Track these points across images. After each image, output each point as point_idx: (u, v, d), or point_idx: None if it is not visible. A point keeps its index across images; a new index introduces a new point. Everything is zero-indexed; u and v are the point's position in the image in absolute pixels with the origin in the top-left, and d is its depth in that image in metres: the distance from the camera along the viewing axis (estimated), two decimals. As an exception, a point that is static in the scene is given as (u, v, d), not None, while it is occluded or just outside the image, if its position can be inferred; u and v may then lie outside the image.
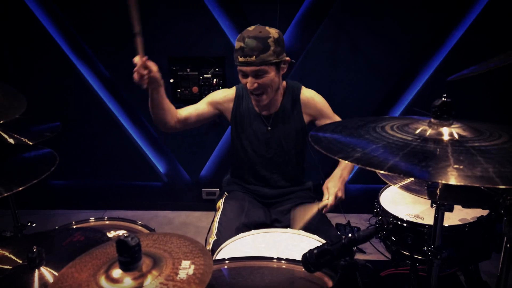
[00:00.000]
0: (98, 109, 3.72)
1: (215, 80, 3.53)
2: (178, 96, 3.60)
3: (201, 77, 3.54)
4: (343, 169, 2.36)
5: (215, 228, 2.22)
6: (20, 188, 1.80)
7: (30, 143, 2.12)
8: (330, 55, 3.46)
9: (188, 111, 2.38)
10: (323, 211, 2.17)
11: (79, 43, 3.59)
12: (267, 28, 2.14)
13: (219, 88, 3.52)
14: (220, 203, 2.46)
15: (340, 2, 3.31)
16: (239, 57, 2.12)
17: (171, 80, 3.56)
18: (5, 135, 2.12)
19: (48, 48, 3.56)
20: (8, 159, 2.16)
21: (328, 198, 2.19)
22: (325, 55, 3.47)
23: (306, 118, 2.40)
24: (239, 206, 2.34)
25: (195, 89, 3.56)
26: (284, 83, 2.37)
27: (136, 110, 3.77)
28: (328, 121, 2.36)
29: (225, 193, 2.53)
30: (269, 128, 2.36)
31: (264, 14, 3.37)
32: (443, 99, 1.32)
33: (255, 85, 2.16)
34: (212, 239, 2.13)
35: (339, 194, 2.22)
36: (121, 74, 3.64)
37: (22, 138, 2.13)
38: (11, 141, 2.09)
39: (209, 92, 3.51)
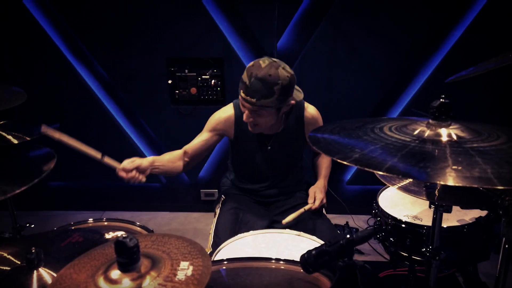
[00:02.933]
0: (97, 111, 3.72)
1: (213, 81, 3.53)
2: (176, 97, 3.60)
3: (199, 78, 3.54)
4: (325, 178, 2.49)
5: (211, 238, 2.22)
6: (23, 188, 1.82)
7: (28, 138, 2.11)
8: (328, 56, 3.46)
9: (194, 147, 2.35)
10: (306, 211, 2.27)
11: (77, 44, 3.59)
12: (281, 69, 2.04)
13: (217, 90, 3.53)
14: (217, 209, 2.46)
15: (339, 3, 3.31)
16: (241, 91, 2.08)
17: (169, 81, 3.56)
18: (4, 135, 2.12)
19: (46, 49, 3.56)
20: (7, 159, 2.17)
21: (314, 202, 2.30)
22: (324, 56, 3.47)
23: (307, 134, 2.38)
24: (234, 213, 2.33)
25: (193, 90, 3.56)
26: (293, 102, 2.19)
27: (135, 111, 3.77)
28: None
29: (222, 196, 2.52)
30: (269, 148, 2.36)
31: (262, 15, 3.37)
32: (441, 100, 1.32)
33: (250, 119, 2.15)
34: (208, 250, 2.11)
35: (324, 201, 2.36)
36: (120, 75, 3.64)
37: (19, 134, 2.12)
38: (10, 138, 2.08)
39: (207, 94, 3.55)
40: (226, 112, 2.37)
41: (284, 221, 2.16)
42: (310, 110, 2.38)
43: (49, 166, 1.99)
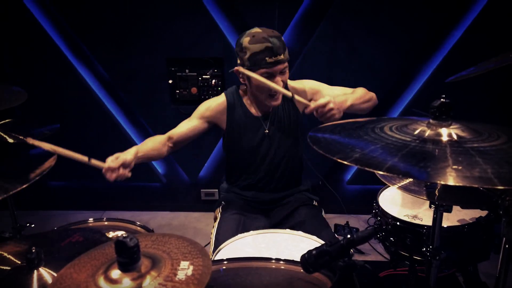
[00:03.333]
0: (97, 110, 3.72)
1: (214, 81, 3.53)
2: (176, 97, 3.60)
3: (200, 78, 3.54)
4: (347, 98, 2.20)
5: (212, 243, 2.19)
6: (24, 186, 1.82)
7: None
8: (328, 56, 3.46)
9: (179, 132, 2.34)
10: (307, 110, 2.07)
11: (78, 44, 3.59)
12: (269, 29, 2.15)
13: (218, 89, 3.53)
14: (218, 213, 2.43)
15: (339, 3, 3.31)
16: (267, 58, 2.06)
17: (170, 81, 3.56)
18: (4, 136, 2.12)
19: (47, 49, 3.56)
20: (7, 158, 2.17)
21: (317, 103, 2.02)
22: (324, 56, 3.47)
23: (301, 107, 2.36)
24: (235, 219, 2.30)
25: (194, 90, 3.56)
26: None
27: (135, 111, 3.77)
28: (328, 92, 2.35)
29: (222, 202, 2.49)
30: (267, 131, 2.35)
31: (263, 15, 3.37)
32: (442, 100, 1.32)
33: (281, 83, 2.14)
34: (210, 255, 2.10)
35: (331, 105, 2.00)
36: (120, 75, 3.64)
37: (20, 136, 2.13)
38: (11, 140, 2.09)
39: (207, 93, 3.55)
40: (217, 100, 2.38)
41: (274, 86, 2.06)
42: (293, 83, 2.37)
43: (50, 164, 1.99)
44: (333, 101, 2.01)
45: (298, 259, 1.35)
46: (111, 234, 2.00)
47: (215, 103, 2.36)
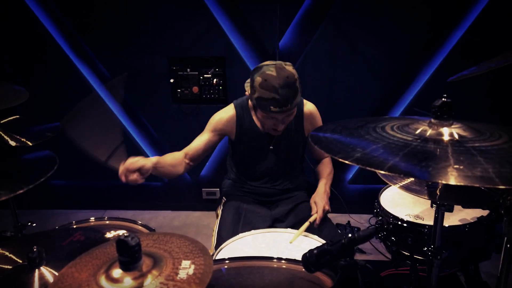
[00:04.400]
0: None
1: (215, 80, 3.53)
2: (178, 96, 3.60)
3: (201, 77, 3.54)
4: (326, 184, 2.39)
5: (214, 240, 2.21)
6: (22, 191, 1.82)
7: (30, 143, 2.11)
8: (330, 56, 3.46)
9: (195, 148, 2.33)
10: (315, 225, 2.15)
11: (79, 43, 3.59)
12: (285, 67, 2.10)
13: (219, 89, 3.53)
14: (219, 210, 2.45)
15: (340, 3, 3.31)
16: (272, 107, 2.07)
17: (171, 80, 3.56)
18: (5, 136, 2.12)
19: (48, 48, 3.57)
20: (8, 161, 2.17)
21: (317, 212, 2.20)
22: (325, 56, 3.47)
23: (307, 131, 2.40)
24: (236, 213, 2.32)
25: (195, 89, 3.56)
26: None
27: (137, 110, 3.77)
28: None
29: (223, 198, 2.51)
30: (272, 147, 2.36)
31: (264, 15, 3.37)
32: (443, 99, 1.32)
33: (285, 125, 2.22)
34: (211, 251, 2.10)
35: (326, 207, 2.24)
36: (121, 74, 3.63)
37: (22, 138, 2.13)
38: (12, 143, 2.09)
39: (209, 93, 3.55)
40: (227, 112, 2.37)
41: (291, 241, 2.01)
42: (309, 106, 2.39)
43: (52, 168, 1.99)
44: (324, 200, 2.27)
45: (299, 259, 1.35)
46: (112, 233, 1.99)
47: (226, 116, 2.36)
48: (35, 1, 3.48)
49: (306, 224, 2.08)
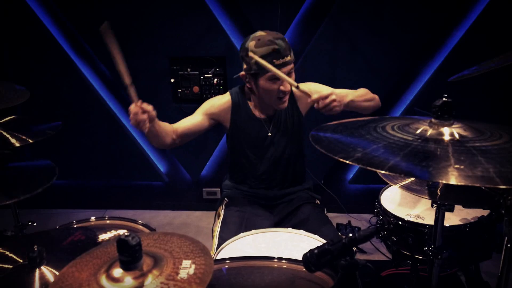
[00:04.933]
0: (99, 109, 3.72)
1: (216, 80, 3.53)
2: (178, 96, 3.60)
3: (202, 77, 3.54)
4: (348, 92, 2.26)
5: (215, 241, 2.19)
6: (22, 198, 1.83)
7: (31, 141, 2.11)
8: (330, 56, 3.46)
9: (184, 126, 2.31)
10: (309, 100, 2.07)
11: (80, 42, 3.60)
12: (273, 31, 2.17)
13: (220, 88, 3.53)
14: (221, 210, 2.43)
15: (340, 3, 3.30)
16: (274, 60, 2.07)
17: (172, 80, 3.56)
18: (5, 134, 2.12)
19: (49, 47, 3.57)
20: (9, 167, 2.19)
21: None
22: (326, 56, 3.46)
23: (303, 110, 2.39)
24: (238, 216, 2.30)
25: (196, 88, 3.56)
26: None
27: (137, 109, 3.77)
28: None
29: (225, 199, 2.49)
30: (270, 134, 2.35)
31: (264, 14, 3.37)
32: (444, 99, 1.32)
33: (289, 86, 2.17)
34: (213, 253, 2.09)
35: (334, 103, 2.04)
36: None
37: (23, 136, 2.13)
38: (13, 141, 2.09)
39: (209, 92, 3.55)
40: (222, 98, 2.38)
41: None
42: (300, 85, 2.37)
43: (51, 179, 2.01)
44: (335, 93, 2.04)
45: (300, 259, 1.35)
46: (113, 233, 2.00)
47: (220, 101, 2.36)
48: (36, 1, 3.48)
49: (297, 86, 2.05)
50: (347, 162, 1.15)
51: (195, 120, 2.34)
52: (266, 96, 2.22)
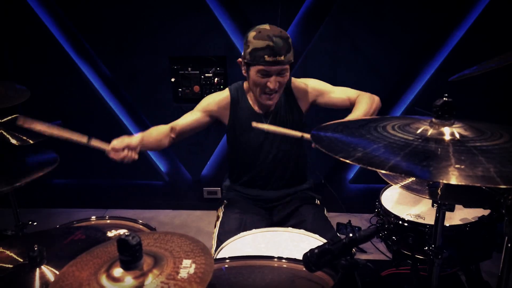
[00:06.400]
0: (99, 108, 3.72)
1: (216, 79, 3.53)
2: (179, 95, 3.60)
3: (202, 76, 3.54)
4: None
5: (214, 243, 2.19)
6: (22, 183, 1.83)
7: (31, 141, 2.12)
8: (330, 55, 3.46)
9: (182, 123, 2.34)
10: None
11: (80, 42, 3.60)
12: (279, 28, 2.15)
13: (220, 88, 3.53)
14: (220, 212, 2.43)
15: (341, 3, 3.30)
16: (266, 56, 2.07)
17: (172, 79, 3.56)
18: (6, 134, 2.13)
19: (49, 47, 3.57)
20: (11, 159, 2.18)
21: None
22: (326, 55, 3.47)
23: (303, 107, 2.38)
24: (237, 218, 2.29)
25: (196, 88, 3.56)
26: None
27: (137, 109, 3.78)
28: (331, 95, 2.38)
29: (224, 201, 2.49)
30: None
31: (265, 14, 3.37)
32: (444, 99, 1.32)
33: (277, 84, 2.16)
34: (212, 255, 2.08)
35: None
36: (123, 73, 3.64)
37: (23, 137, 2.14)
38: (13, 141, 2.09)
39: (210, 92, 3.54)
40: (221, 94, 2.38)
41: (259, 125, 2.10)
42: (297, 81, 2.39)
43: (52, 165, 2.00)
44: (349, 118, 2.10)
45: (300, 258, 1.35)
46: (113, 232, 2.00)
47: (219, 98, 2.37)
48: (36, 0, 3.48)
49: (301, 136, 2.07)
50: (348, 161, 1.15)
51: (193, 117, 2.35)
52: (254, 88, 2.24)
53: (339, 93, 2.38)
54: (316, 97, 2.37)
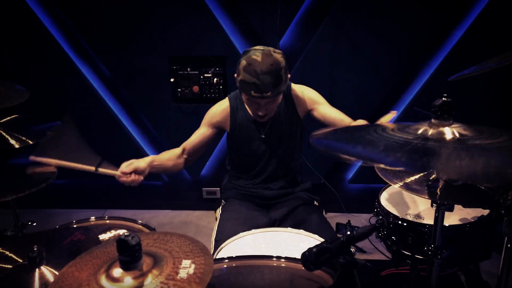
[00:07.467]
0: (99, 108, 3.72)
1: (215, 79, 3.53)
2: (178, 96, 3.60)
3: (201, 77, 3.54)
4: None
5: (212, 246, 2.18)
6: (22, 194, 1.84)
7: (31, 142, 2.12)
8: (330, 55, 3.46)
9: (191, 142, 2.39)
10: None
11: (80, 42, 3.59)
12: (273, 54, 2.10)
13: (219, 88, 3.53)
14: (218, 213, 2.44)
15: (340, 2, 3.30)
16: (252, 92, 2.08)
17: (172, 79, 3.56)
18: (5, 135, 2.12)
19: (48, 47, 3.56)
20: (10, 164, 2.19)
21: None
22: (325, 55, 3.46)
23: (301, 113, 2.39)
24: (235, 218, 2.29)
25: (195, 88, 3.56)
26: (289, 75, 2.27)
27: (137, 109, 3.77)
28: (326, 109, 2.38)
29: (222, 201, 2.50)
30: (263, 136, 2.36)
31: (264, 14, 3.37)
32: (443, 99, 1.32)
33: (267, 110, 2.19)
34: None
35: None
36: (122, 73, 3.64)
37: (22, 137, 2.13)
38: (13, 142, 2.09)
39: (209, 92, 3.55)
40: (222, 105, 2.42)
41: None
42: (296, 88, 2.39)
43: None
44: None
45: (299, 257, 1.35)
46: (112, 233, 2.00)
47: (220, 109, 2.41)
48: (36, 0, 3.48)
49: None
50: (347, 157, 1.15)
51: (201, 134, 2.40)
52: (246, 105, 2.30)
53: (335, 111, 2.39)
54: (311, 106, 2.39)
